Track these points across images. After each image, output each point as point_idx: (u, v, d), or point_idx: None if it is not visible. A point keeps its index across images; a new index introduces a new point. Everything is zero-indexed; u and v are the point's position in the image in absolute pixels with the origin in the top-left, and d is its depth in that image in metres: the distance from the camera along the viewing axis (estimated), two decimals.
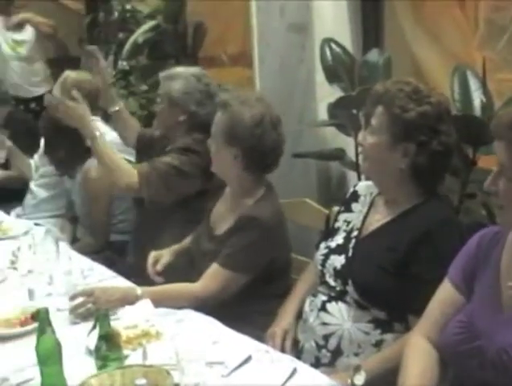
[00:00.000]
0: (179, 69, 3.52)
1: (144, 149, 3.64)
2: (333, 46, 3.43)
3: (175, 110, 3.38)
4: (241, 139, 2.71)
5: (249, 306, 2.69)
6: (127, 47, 4.42)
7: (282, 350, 2.49)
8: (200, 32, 4.38)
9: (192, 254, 2.97)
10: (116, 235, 3.94)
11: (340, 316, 2.37)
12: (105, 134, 4.25)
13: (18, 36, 6.34)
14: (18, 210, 4.43)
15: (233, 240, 2.68)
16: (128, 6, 4.86)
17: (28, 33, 6.32)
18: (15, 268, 3.10)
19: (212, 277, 2.67)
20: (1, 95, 5.15)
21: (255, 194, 2.78)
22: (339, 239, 2.50)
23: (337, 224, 2.57)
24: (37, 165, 4.37)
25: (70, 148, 3.84)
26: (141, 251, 3.34)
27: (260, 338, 2.47)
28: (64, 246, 3.12)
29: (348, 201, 2.59)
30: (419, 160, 2.31)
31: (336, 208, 2.76)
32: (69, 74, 4.12)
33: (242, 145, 2.71)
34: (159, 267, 2.95)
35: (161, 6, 4.46)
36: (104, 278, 2.96)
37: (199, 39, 4.40)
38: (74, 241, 3.90)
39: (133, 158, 4.09)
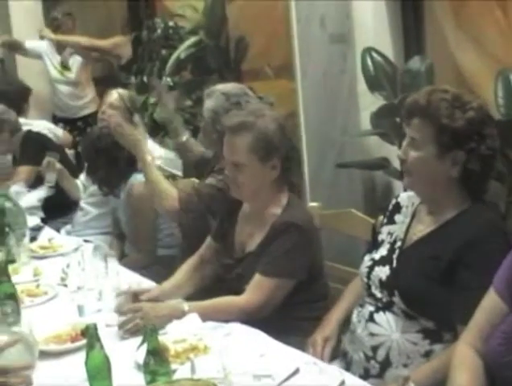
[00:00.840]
0: (218, 86, 3.54)
1: (201, 169, 3.68)
2: (374, 55, 3.42)
3: (210, 128, 3.41)
4: (278, 148, 2.72)
5: (292, 313, 2.70)
6: (170, 63, 4.47)
7: (322, 357, 2.49)
8: (242, 46, 4.40)
9: (224, 284, 2.90)
10: (163, 249, 3.96)
11: (389, 327, 2.35)
12: (154, 150, 4.36)
13: (66, 60, 6.48)
14: (67, 227, 4.49)
15: (272, 248, 2.68)
16: (170, 23, 4.91)
17: (76, 56, 6.44)
18: (65, 285, 3.15)
19: (257, 287, 2.67)
20: None
21: (281, 201, 2.77)
22: (383, 250, 2.48)
23: (381, 237, 2.55)
24: (85, 184, 4.45)
25: (110, 168, 3.89)
26: None
27: (305, 344, 2.51)
28: (113, 262, 3.16)
29: (390, 213, 2.57)
30: (469, 166, 2.27)
31: (381, 218, 2.74)
32: (123, 93, 4.21)
33: (280, 153, 2.73)
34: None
35: (202, 22, 4.50)
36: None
37: (241, 53, 4.42)
38: (122, 257, 3.94)
39: (181, 173, 4.15)
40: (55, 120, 6.27)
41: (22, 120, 5.26)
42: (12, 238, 3.57)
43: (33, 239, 3.81)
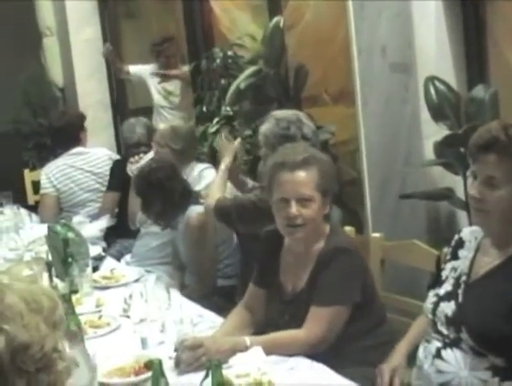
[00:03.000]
0: (277, 112, 3.61)
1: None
2: (437, 84, 3.38)
3: (263, 154, 3.46)
4: (334, 183, 2.80)
5: (353, 343, 2.68)
6: (230, 92, 4.48)
7: None
8: (301, 75, 4.40)
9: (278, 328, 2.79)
10: (223, 280, 3.97)
11: (456, 363, 2.29)
12: None
13: (169, 86, 6.46)
14: (127, 257, 4.51)
15: (323, 277, 2.66)
16: (229, 53, 4.93)
17: (177, 82, 6.42)
18: (128, 316, 3.16)
19: (315, 319, 2.64)
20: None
21: (324, 233, 2.77)
22: (447, 286, 2.43)
23: (445, 273, 2.49)
24: None
25: (165, 202, 3.90)
26: None
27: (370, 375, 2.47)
28: (175, 293, 3.16)
29: (453, 249, 2.51)
30: None
31: (446, 250, 2.70)
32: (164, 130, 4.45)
33: (334, 188, 2.79)
34: None
35: (262, 51, 4.51)
36: (214, 325, 2.98)
37: (301, 82, 4.41)
38: (183, 288, 3.94)
39: None
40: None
41: (79, 149, 5.32)
42: (75, 268, 3.60)
43: (95, 269, 3.83)
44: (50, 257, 3.75)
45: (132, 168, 4.71)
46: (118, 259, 4.41)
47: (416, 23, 3.47)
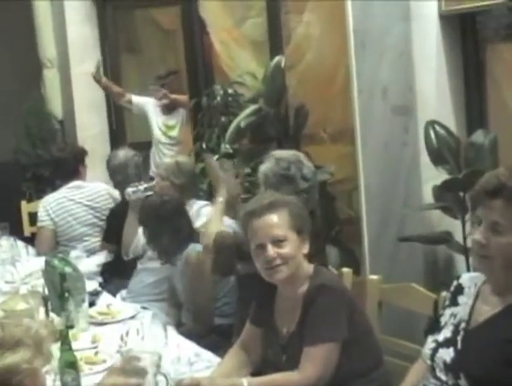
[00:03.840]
0: (277, 152, 3.62)
1: None
2: (437, 128, 3.41)
3: (262, 193, 3.47)
4: (308, 222, 2.80)
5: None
6: (230, 130, 4.50)
7: None
8: (302, 114, 4.42)
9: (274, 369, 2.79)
10: (220, 318, 3.94)
11: None
12: None
13: (170, 121, 6.39)
14: (123, 293, 4.49)
15: (309, 317, 2.66)
16: (230, 90, 4.96)
17: (178, 115, 6.36)
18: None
19: (308, 360, 2.63)
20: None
21: (308, 275, 2.77)
22: (447, 332, 2.42)
23: (444, 319, 2.48)
24: (145, 248, 4.45)
25: (171, 236, 3.90)
26: None
27: None
28: (172, 331, 3.15)
29: (452, 295, 2.50)
30: None
31: (444, 294, 2.70)
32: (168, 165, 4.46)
33: (308, 227, 2.80)
34: None
35: (262, 90, 4.53)
36: (211, 365, 2.97)
37: (301, 122, 4.43)
38: (179, 326, 3.92)
39: None
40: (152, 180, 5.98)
41: (78, 182, 5.32)
42: (71, 303, 3.59)
43: (91, 304, 3.81)
44: (46, 291, 3.74)
45: (129, 191, 4.66)
46: (114, 294, 4.39)
47: (417, 65, 3.49)
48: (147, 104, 6.42)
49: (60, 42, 7.34)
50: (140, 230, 4.57)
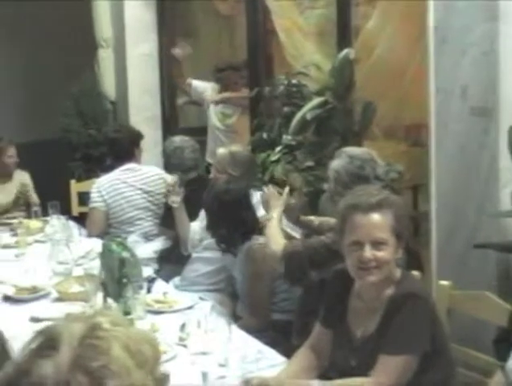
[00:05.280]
0: (348, 148, 3.52)
1: None
2: None
3: (337, 190, 3.36)
4: (407, 226, 2.75)
5: None
6: (295, 122, 4.39)
7: None
8: (369, 110, 4.29)
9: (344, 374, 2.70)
10: (279, 314, 3.85)
11: None
12: None
13: (227, 110, 6.35)
14: (176, 280, 4.42)
15: (393, 325, 2.56)
16: (294, 81, 4.85)
17: (235, 106, 6.32)
18: (185, 346, 3.06)
19: (384, 369, 2.53)
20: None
21: (395, 278, 2.67)
22: None
23: None
24: (202, 236, 4.37)
25: (233, 226, 3.81)
26: (307, 334, 3.26)
27: None
28: (235, 327, 3.06)
29: None
30: None
31: None
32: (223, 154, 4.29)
33: (407, 231, 2.73)
34: None
35: (330, 83, 4.42)
36: (275, 363, 2.88)
37: (368, 118, 4.31)
38: (233, 318, 3.84)
39: (299, 235, 4.06)
40: (208, 166, 5.85)
41: (133, 165, 5.26)
42: (129, 290, 3.51)
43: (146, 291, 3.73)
44: (102, 275, 3.66)
45: (174, 199, 4.59)
46: (166, 281, 4.32)
47: (502, 66, 3.35)
48: (206, 90, 6.34)
49: (117, 23, 7.29)
50: (194, 224, 4.51)
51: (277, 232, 3.57)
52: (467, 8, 3.47)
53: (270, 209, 3.65)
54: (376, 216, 2.61)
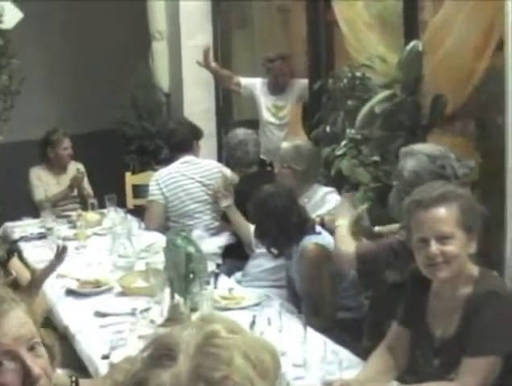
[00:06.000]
0: (418, 146, 3.39)
1: None
2: None
3: (407, 189, 3.23)
4: (478, 219, 2.60)
5: None
6: (362, 115, 4.27)
7: None
8: (439, 104, 4.15)
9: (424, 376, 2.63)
10: (342, 312, 3.76)
11: None
12: None
13: (279, 102, 6.16)
14: (237, 275, 4.36)
15: (474, 325, 2.47)
16: (358, 73, 4.74)
17: (289, 96, 6.13)
18: None
19: (469, 372, 2.44)
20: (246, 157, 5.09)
21: (472, 277, 2.57)
22: None
23: None
24: None
25: (279, 231, 3.73)
26: (378, 334, 3.17)
27: None
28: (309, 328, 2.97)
29: None
30: None
31: None
32: (299, 145, 4.21)
33: (479, 225, 2.58)
34: None
35: (398, 76, 4.30)
36: (351, 365, 2.80)
37: (438, 112, 4.17)
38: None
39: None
40: (264, 165, 5.69)
41: (192, 157, 5.21)
42: (196, 285, 3.45)
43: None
44: (168, 270, 3.60)
45: (224, 204, 4.52)
46: (228, 276, 4.25)
47: None
48: (256, 85, 6.20)
49: (172, 14, 7.23)
50: None
51: (347, 236, 3.46)
52: None
53: (341, 216, 3.54)
54: (439, 210, 2.53)
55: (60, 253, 3.60)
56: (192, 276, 3.49)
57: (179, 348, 1.17)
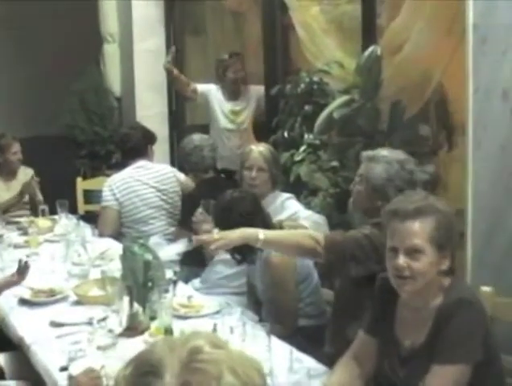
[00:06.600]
0: (383, 152, 3.35)
1: None
2: None
3: (374, 195, 3.21)
4: (456, 237, 2.60)
5: None
6: (320, 121, 4.24)
7: None
8: (398, 110, 4.15)
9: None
10: (304, 319, 3.71)
11: None
12: (299, 211, 4.13)
13: (236, 106, 6.11)
14: (195, 282, 4.28)
15: (445, 333, 2.43)
16: (315, 78, 4.71)
17: (245, 100, 6.09)
18: None
19: (437, 379, 2.41)
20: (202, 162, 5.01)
21: (443, 287, 2.54)
22: None
23: None
24: None
25: None
26: (340, 341, 3.14)
27: None
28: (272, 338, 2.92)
29: None
30: None
31: None
32: (266, 153, 4.13)
33: (455, 242, 2.58)
34: None
35: (357, 81, 4.28)
36: (317, 373, 2.75)
37: (397, 118, 4.16)
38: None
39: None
40: (218, 171, 5.57)
41: (145, 162, 5.12)
42: (155, 293, 3.37)
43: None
44: (125, 279, 3.51)
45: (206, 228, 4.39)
46: (185, 283, 4.17)
47: None
48: (211, 91, 6.12)
49: (124, 17, 7.14)
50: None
51: (297, 234, 3.39)
52: (509, 6, 3.34)
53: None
54: (413, 223, 2.49)
55: (22, 271, 3.43)
56: (150, 284, 3.41)
57: (163, 364, 1.12)
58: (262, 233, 2.87)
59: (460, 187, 3.97)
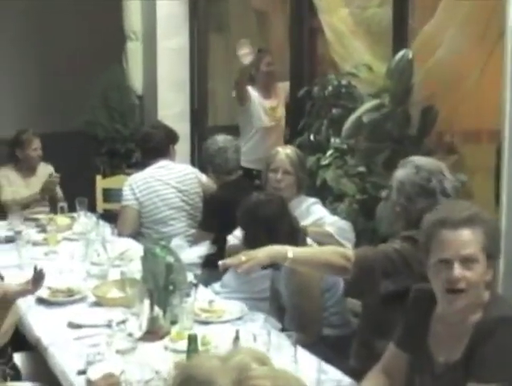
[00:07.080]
0: (415, 157, 3.25)
1: None
2: None
3: (394, 198, 3.12)
4: (500, 247, 2.54)
5: None
6: (348, 125, 4.13)
7: None
8: (430, 115, 4.03)
9: None
10: (328, 329, 3.61)
11: None
12: (325, 217, 4.03)
13: (273, 102, 6.03)
14: (215, 286, 4.17)
15: (483, 351, 2.32)
16: (343, 82, 4.61)
17: (277, 94, 6.03)
18: None
19: None
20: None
21: (483, 302, 2.43)
22: None
23: None
24: None
25: (269, 240, 3.56)
26: (366, 354, 3.04)
27: None
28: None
29: None
30: None
31: None
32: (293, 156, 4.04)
33: (499, 252, 2.52)
34: None
35: (387, 85, 4.17)
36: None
37: (428, 124, 4.05)
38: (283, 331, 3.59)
39: (350, 245, 3.84)
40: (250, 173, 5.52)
41: (167, 162, 5.03)
42: (176, 297, 3.29)
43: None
44: (146, 281, 3.42)
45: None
46: (205, 287, 4.08)
47: None
48: (250, 92, 5.97)
49: (148, 15, 7.05)
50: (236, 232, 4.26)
51: (327, 251, 3.22)
52: None
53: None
54: (466, 232, 2.38)
55: (37, 280, 3.33)
56: (171, 287, 3.32)
57: (213, 380, 1.08)
58: (290, 251, 2.78)
59: (485, 195, 3.87)
